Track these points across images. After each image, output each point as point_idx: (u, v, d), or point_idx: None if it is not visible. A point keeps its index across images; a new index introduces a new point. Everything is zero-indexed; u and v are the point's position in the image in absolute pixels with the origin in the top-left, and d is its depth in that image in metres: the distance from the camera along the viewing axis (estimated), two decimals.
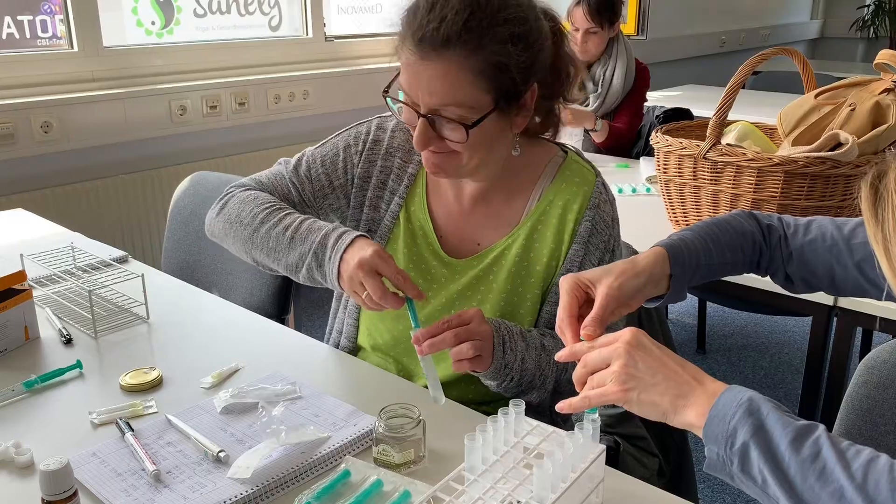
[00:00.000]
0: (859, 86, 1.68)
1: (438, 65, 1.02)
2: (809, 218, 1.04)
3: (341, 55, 3.55)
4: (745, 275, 1.06)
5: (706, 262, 0.98)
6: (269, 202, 1.20)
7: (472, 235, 1.22)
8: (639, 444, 1.36)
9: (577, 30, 2.82)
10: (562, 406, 0.83)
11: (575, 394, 0.86)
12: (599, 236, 1.17)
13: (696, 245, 0.97)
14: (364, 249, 1.04)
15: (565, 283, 0.91)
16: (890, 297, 0.96)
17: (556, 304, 1.13)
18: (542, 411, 1.21)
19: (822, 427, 0.72)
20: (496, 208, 1.21)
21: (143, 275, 1.39)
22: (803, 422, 0.72)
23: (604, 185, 1.21)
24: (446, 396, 1.06)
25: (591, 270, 0.92)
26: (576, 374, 0.84)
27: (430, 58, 1.02)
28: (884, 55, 1.56)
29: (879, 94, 1.63)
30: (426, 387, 1.05)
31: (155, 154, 2.86)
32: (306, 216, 1.16)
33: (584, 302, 0.91)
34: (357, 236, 1.08)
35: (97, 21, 2.70)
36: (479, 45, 1.01)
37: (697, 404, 0.76)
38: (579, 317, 0.90)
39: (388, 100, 1.11)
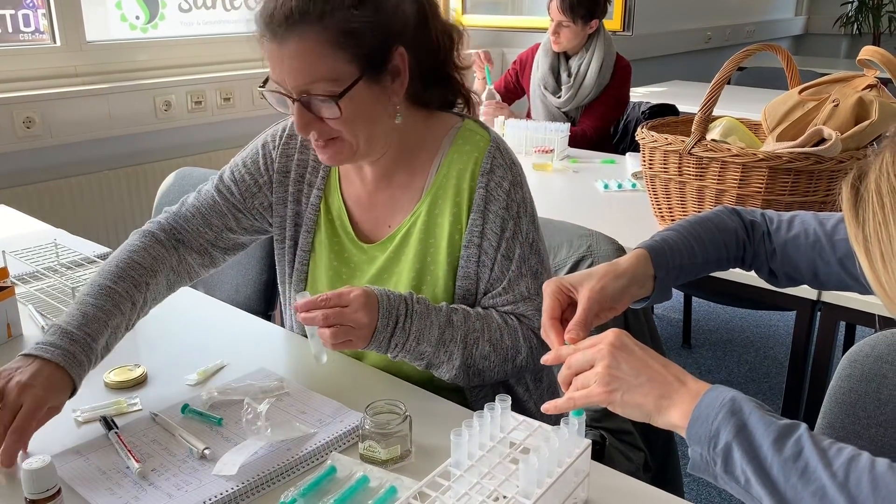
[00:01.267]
0: (842, 82, 1.69)
1: (293, 44, 1.03)
2: (792, 213, 1.05)
3: None
4: (729, 270, 1.07)
5: (689, 262, 0.99)
6: (109, 270, 1.15)
7: (383, 219, 1.23)
8: (625, 438, 1.37)
9: (552, 20, 2.84)
10: (547, 407, 0.84)
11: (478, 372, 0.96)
12: (496, 202, 1.15)
13: (678, 245, 0.98)
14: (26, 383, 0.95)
15: (548, 288, 0.92)
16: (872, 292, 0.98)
17: (466, 278, 1.17)
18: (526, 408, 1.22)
19: (804, 426, 0.72)
20: (399, 189, 1.21)
21: None
22: (785, 421, 0.73)
23: (498, 149, 1.17)
24: (401, 377, 1.07)
25: (574, 274, 0.93)
26: (561, 376, 0.85)
27: (284, 38, 1.03)
28: (866, 52, 1.57)
29: (862, 90, 1.64)
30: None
31: (139, 150, 2.84)
32: (80, 307, 1.07)
33: (568, 305, 0.92)
34: (47, 363, 0.99)
35: (80, 15, 2.67)
36: (324, 14, 1.02)
37: (681, 405, 0.76)
38: (563, 320, 0.91)
39: (264, 92, 1.10)
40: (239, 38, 3.21)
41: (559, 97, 2.96)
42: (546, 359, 0.88)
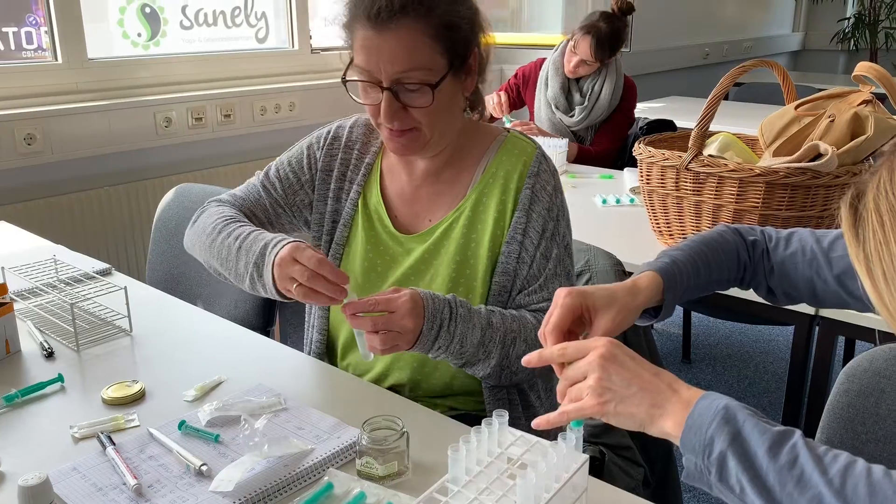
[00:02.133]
0: (838, 97, 1.70)
1: (397, 33, 1.08)
2: (791, 230, 1.05)
3: (327, 67, 3.55)
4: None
5: (695, 283, 1.00)
6: (229, 215, 1.25)
7: (425, 213, 1.28)
8: (624, 454, 1.36)
9: (574, 53, 2.86)
10: (538, 423, 0.83)
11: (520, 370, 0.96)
12: (541, 203, 1.22)
13: (687, 268, 0.99)
14: (289, 247, 1.08)
15: (567, 299, 0.90)
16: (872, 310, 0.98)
17: (505, 274, 1.21)
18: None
19: (798, 432, 0.72)
20: (445, 185, 1.27)
21: (125, 287, 1.38)
22: (780, 427, 0.72)
23: (544, 156, 1.26)
24: (414, 396, 1.08)
25: (595, 294, 0.91)
26: (559, 388, 0.85)
27: (388, 28, 1.08)
28: (861, 67, 1.58)
29: (858, 105, 1.65)
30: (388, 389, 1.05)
31: (140, 166, 2.86)
32: (255, 228, 1.21)
33: (576, 318, 0.91)
34: (289, 242, 1.10)
35: (81, 33, 2.69)
36: (431, 7, 1.09)
37: (673, 413, 0.76)
38: (568, 332, 0.90)
39: (348, 83, 1.16)
40: (239, 55, 3.24)
41: (572, 116, 2.98)
42: (529, 359, 0.87)
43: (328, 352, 1.35)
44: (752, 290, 1.08)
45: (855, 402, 1.11)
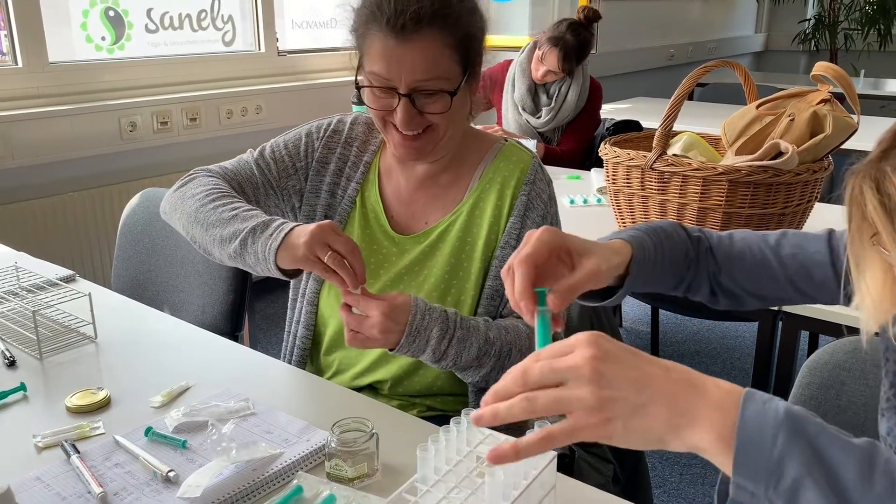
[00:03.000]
0: (798, 97, 1.74)
1: (420, 43, 1.10)
2: (728, 232, 1.03)
3: (294, 70, 3.54)
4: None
5: (654, 269, 0.92)
6: (225, 189, 1.24)
7: (421, 215, 1.29)
8: (594, 450, 1.38)
9: (542, 63, 2.89)
10: (492, 458, 0.65)
11: None
12: (536, 211, 1.24)
13: (651, 248, 0.91)
14: (331, 222, 1.08)
15: (544, 234, 0.80)
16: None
17: (497, 278, 1.21)
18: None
19: (880, 444, 0.58)
20: (442, 189, 1.29)
21: (90, 293, 1.36)
22: (858, 440, 0.58)
23: (540, 166, 1.28)
24: (394, 394, 1.08)
25: (573, 237, 0.84)
26: (500, 389, 0.64)
27: (411, 38, 1.10)
28: (819, 67, 1.62)
29: (817, 104, 1.69)
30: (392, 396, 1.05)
31: (104, 171, 2.82)
32: (254, 208, 1.20)
33: (551, 260, 0.81)
34: (297, 224, 1.11)
35: (42, 37, 2.65)
36: (453, 18, 1.12)
37: (706, 420, 0.58)
38: (537, 277, 0.79)
39: (363, 90, 1.17)
40: (205, 58, 3.21)
41: (539, 118, 3.01)
42: (477, 418, 0.66)
43: (313, 347, 1.35)
44: (689, 294, 1.00)
45: (817, 395, 1.14)
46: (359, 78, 1.17)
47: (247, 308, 1.79)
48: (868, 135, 3.13)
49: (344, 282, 1.05)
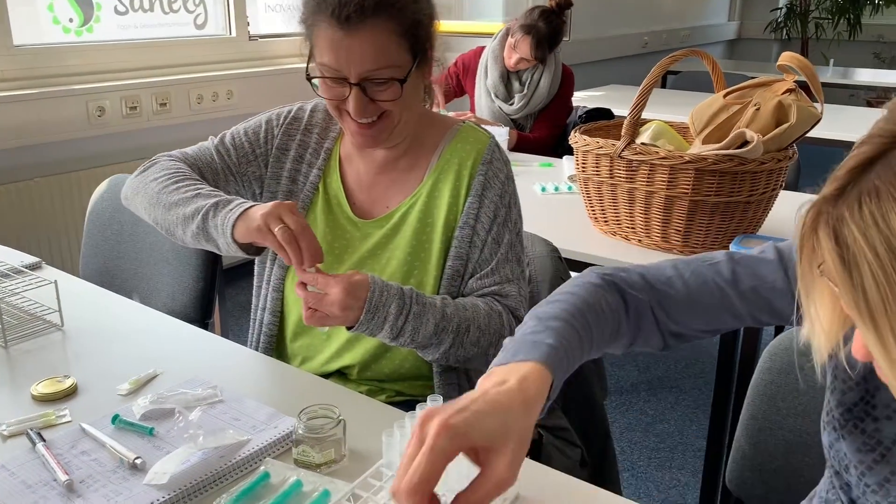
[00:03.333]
0: (764, 86, 1.76)
1: (366, 33, 1.11)
2: (672, 265, 0.94)
3: (265, 54, 3.51)
4: None
5: (578, 361, 0.82)
6: (188, 173, 1.26)
7: (382, 200, 1.30)
8: (561, 434, 1.40)
9: (514, 51, 2.89)
10: None
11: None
12: (493, 190, 1.26)
13: (573, 351, 0.80)
14: (291, 202, 1.11)
15: (441, 440, 0.64)
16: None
17: (457, 258, 1.24)
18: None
19: None
20: (402, 173, 1.30)
21: (55, 281, 1.35)
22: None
23: (497, 146, 1.30)
24: (362, 379, 1.09)
25: (483, 424, 0.67)
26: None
27: (356, 27, 1.10)
28: (785, 57, 1.64)
29: (782, 94, 1.71)
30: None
31: (71, 156, 2.78)
32: (216, 189, 1.22)
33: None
34: (259, 203, 1.13)
35: (6, 19, 2.60)
36: (402, 7, 1.13)
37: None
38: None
39: (314, 81, 1.18)
40: (175, 42, 3.17)
41: (511, 104, 3.02)
42: None
43: (279, 333, 1.35)
44: (636, 348, 0.94)
45: (777, 380, 1.16)
46: (310, 66, 1.18)
47: (217, 296, 1.78)
48: (836, 124, 3.23)
49: (296, 259, 1.06)
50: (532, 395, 0.71)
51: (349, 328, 1.12)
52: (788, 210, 1.03)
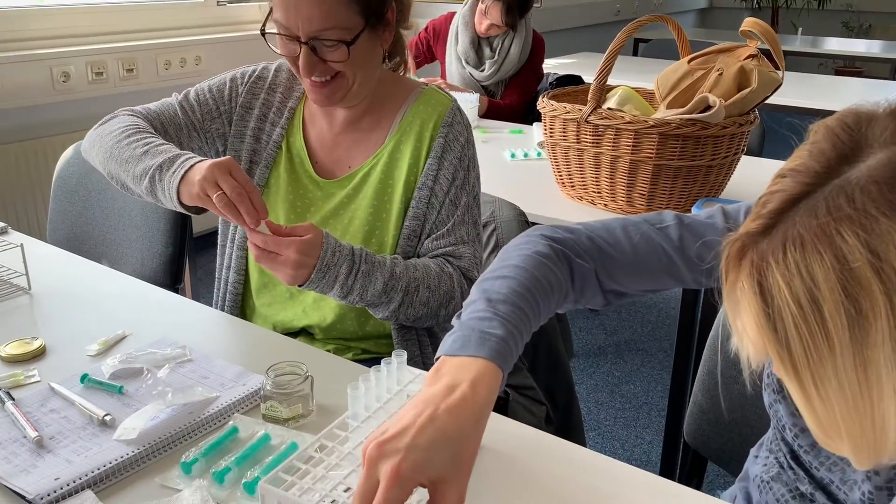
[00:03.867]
0: (727, 52, 1.79)
1: None
2: (621, 224, 0.94)
3: (234, 20, 3.46)
4: None
5: (527, 339, 0.83)
6: (143, 126, 1.26)
7: (345, 160, 1.32)
8: (527, 393, 1.43)
9: (485, 17, 2.89)
10: None
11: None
12: (452, 153, 1.27)
13: (523, 335, 0.81)
14: (228, 159, 1.10)
15: (393, 482, 0.64)
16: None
17: (415, 218, 1.26)
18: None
19: None
20: (364, 133, 1.32)
21: (21, 245, 1.35)
22: None
23: (459, 110, 1.31)
24: (328, 338, 1.13)
25: (437, 457, 0.67)
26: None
27: None
28: (747, 23, 1.67)
29: (745, 59, 1.74)
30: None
31: (35, 123, 2.74)
32: (168, 143, 1.21)
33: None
34: (201, 160, 1.13)
35: None
36: None
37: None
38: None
39: (267, 36, 1.20)
40: (142, 7, 3.11)
41: (482, 71, 3.02)
42: None
43: (245, 291, 1.37)
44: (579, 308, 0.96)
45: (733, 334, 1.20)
46: (267, 23, 1.20)
47: (187, 261, 1.79)
48: (804, 91, 3.29)
49: (241, 220, 1.06)
50: (483, 399, 0.72)
51: (299, 286, 1.13)
52: (751, 174, 1.06)
